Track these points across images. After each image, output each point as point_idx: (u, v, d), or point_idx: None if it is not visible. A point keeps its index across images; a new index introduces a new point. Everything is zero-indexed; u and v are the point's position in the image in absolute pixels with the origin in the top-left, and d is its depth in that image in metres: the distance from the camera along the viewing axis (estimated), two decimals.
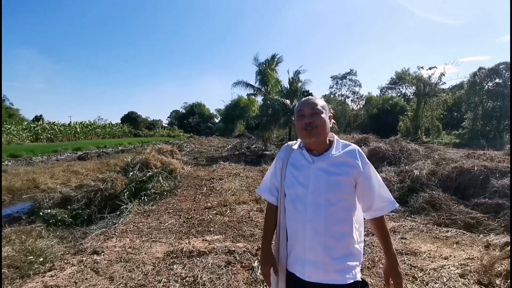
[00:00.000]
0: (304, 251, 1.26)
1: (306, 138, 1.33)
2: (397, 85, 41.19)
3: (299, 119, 1.35)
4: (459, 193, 5.23)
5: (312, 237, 1.24)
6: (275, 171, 1.45)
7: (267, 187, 1.48)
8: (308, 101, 1.37)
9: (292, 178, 1.33)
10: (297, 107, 1.41)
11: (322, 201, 1.24)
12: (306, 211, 1.25)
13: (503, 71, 21.79)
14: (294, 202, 1.30)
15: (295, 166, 1.35)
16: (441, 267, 2.91)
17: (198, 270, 2.88)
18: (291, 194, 1.32)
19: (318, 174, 1.28)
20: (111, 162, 10.21)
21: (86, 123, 36.62)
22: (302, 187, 1.29)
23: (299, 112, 1.37)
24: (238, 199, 5.61)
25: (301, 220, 1.26)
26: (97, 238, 3.93)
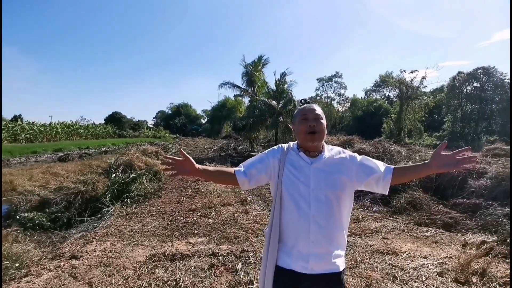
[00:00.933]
0: (309, 245, 1.33)
1: (309, 141, 1.41)
2: (381, 87, 42.10)
3: (303, 123, 1.42)
4: (439, 194, 5.39)
5: (316, 231, 1.33)
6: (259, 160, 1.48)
7: (243, 164, 1.51)
8: (311, 107, 1.46)
9: (293, 178, 1.39)
10: (298, 112, 1.48)
11: (323, 197, 1.35)
12: (309, 208, 1.34)
13: (480, 75, 22.64)
14: (297, 200, 1.36)
15: (295, 167, 1.41)
16: (421, 266, 2.98)
17: (180, 274, 2.83)
18: (293, 192, 1.38)
19: (317, 173, 1.38)
20: (93, 163, 9.93)
21: (68, 123, 35.49)
22: (304, 186, 1.37)
23: (302, 116, 1.43)
24: (223, 200, 5.58)
25: (305, 216, 1.34)
26: (76, 242, 3.81)
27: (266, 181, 1.49)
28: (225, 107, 34.76)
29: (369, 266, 3.02)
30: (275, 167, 1.44)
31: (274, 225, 1.40)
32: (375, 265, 3.05)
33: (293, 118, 1.52)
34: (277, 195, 1.41)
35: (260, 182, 1.49)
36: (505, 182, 4.83)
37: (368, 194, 5.85)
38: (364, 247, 3.52)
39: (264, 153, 1.51)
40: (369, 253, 3.35)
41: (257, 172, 1.45)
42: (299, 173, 1.40)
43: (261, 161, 1.47)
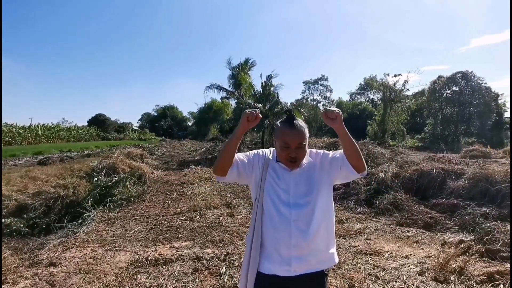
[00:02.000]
0: (290, 249, 1.36)
1: (289, 167, 1.42)
2: (366, 90, 43.07)
3: (283, 149, 1.39)
4: (420, 194, 5.53)
5: (297, 235, 1.35)
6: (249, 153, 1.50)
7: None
8: (296, 133, 1.37)
9: (274, 185, 1.42)
10: (280, 132, 1.40)
11: (302, 202, 1.38)
12: (290, 213, 1.36)
13: (459, 79, 23.52)
14: (278, 205, 1.39)
15: (276, 173, 1.44)
16: (402, 265, 3.05)
17: (163, 279, 2.79)
18: (274, 199, 1.40)
19: (297, 179, 1.42)
20: (75, 167, 9.63)
21: (49, 125, 34.43)
22: (284, 192, 1.40)
23: (284, 143, 1.38)
24: (208, 204, 5.54)
25: (286, 221, 1.36)
26: (55, 248, 3.68)
27: (244, 178, 1.48)
28: (211, 109, 34.64)
29: (352, 267, 3.06)
30: (258, 171, 1.45)
31: (256, 230, 1.41)
32: (358, 265, 3.09)
33: (275, 131, 1.47)
34: (258, 201, 1.42)
35: (241, 176, 1.45)
36: (482, 182, 5.02)
37: (353, 195, 5.94)
38: (348, 248, 3.56)
39: (251, 153, 1.50)
40: (352, 254, 3.40)
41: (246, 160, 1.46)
42: (279, 179, 1.42)
43: (252, 155, 1.49)
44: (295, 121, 1.40)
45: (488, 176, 5.08)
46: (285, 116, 1.45)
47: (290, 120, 1.40)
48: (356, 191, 6.09)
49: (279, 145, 1.41)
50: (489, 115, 22.56)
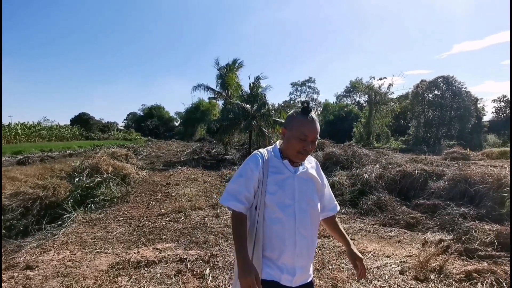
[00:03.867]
0: (294, 259, 1.30)
1: (297, 159, 1.36)
2: (352, 93, 43.78)
3: (299, 142, 1.31)
4: (402, 195, 5.65)
5: (301, 243, 1.30)
6: (247, 181, 1.33)
7: (233, 195, 1.33)
8: (314, 127, 1.33)
9: (278, 188, 1.32)
10: (298, 123, 1.33)
11: (306, 208, 1.34)
12: (295, 220, 1.30)
13: (441, 84, 24.22)
14: (283, 211, 1.30)
15: (281, 177, 1.35)
16: (384, 265, 3.10)
17: (145, 282, 2.73)
18: (278, 203, 1.31)
19: (301, 184, 1.36)
20: (56, 167, 9.34)
21: (29, 124, 33.30)
22: (289, 197, 1.32)
23: (302, 135, 1.31)
24: (194, 205, 5.47)
25: (291, 228, 1.30)
26: (32, 251, 3.54)
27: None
28: (199, 109, 34.36)
29: (335, 267, 3.09)
30: (260, 178, 1.34)
31: (257, 238, 1.32)
32: (342, 265, 3.12)
33: (288, 122, 1.37)
34: (260, 207, 1.32)
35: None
36: (461, 183, 5.17)
37: (337, 196, 6.01)
38: (332, 249, 3.60)
39: (244, 172, 1.35)
40: (336, 254, 3.43)
41: (250, 196, 1.34)
42: (284, 183, 1.34)
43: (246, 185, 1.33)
44: (312, 113, 1.34)
45: (467, 177, 5.24)
46: (302, 107, 1.35)
47: (308, 112, 1.33)
48: (341, 191, 6.17)
49: (295, 136, 1.31)
50: (468, 118, 23.32)
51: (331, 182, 6.69)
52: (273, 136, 15.39)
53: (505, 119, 35.52)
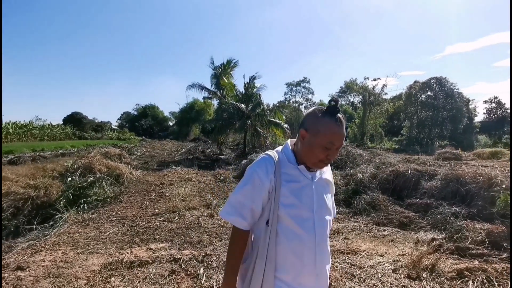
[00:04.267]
0: (313, 279, 1.15)
1: (317, 168, 1.19)
2: (346, 93, 44.02)
3: (324, 150, 1.11)
4: (396, 194, 5.71)
5: (321, 261, 1.16)
6: (254, 192, 1.14)
7: (236, 209, 1.15)
8: (343, 132, 1.13)
9: (294, 199, 1.13)
10: (327, 128, 1.10)
11: (324, 219, 1.19)
12: (314, 234, 1.14)
13: (433, 85, 24.55)
14: (301, 225, 1.13)
15: (295, 186, 1.15)
16: (377, 264, 3.12)
17: (138, 282, 2.70)
18: (296, 217, 1.13)
19: (318, 193, 1.19)
20: (48, 166, 9.19)
21: (21, 123, 32.77)
22: (307, 209, 1.15)
23: (329, 143, 1.10)
24: (188, 204, 5.45)
25: (311, 245, 1.13)
26: (23, 251, 3.49)
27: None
28: (193, 109, 34.21)
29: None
30: (271, 189, 1.14)
31: (268, 258, 1.12)
32: (335, 264, 3.14)
33: (312, 124, 1.13)
34: (273, 221, 1.13)
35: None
36: (453, 183, 5.24)
37: None
38: None
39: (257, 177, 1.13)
40: (330, 253, 3.45)
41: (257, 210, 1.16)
42: (301, 193, 1.15)
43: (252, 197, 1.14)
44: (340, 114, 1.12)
45: (458, 177, 5.31)
46: (330, 106, 1.11)
47: (336, 112, 1.11)
48: (335, 191, 6.19)
49: (320, 144, 1.10)
50: (460, 119, 23.67)
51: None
52: (268, 136, 15.42)
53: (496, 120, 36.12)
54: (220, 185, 7.65)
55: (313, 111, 1.17)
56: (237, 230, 1.17)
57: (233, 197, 1.18)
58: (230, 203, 1.18)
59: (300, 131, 1.17)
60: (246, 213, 1.14)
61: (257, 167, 1.16)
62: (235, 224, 1.16)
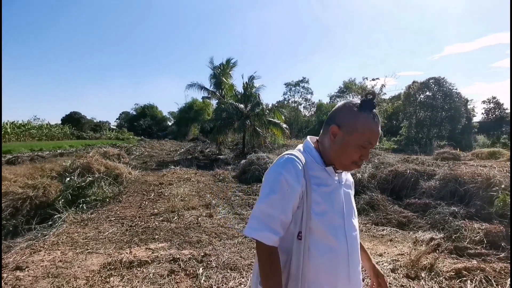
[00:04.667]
0: None
1: (346, 169, 1.07)
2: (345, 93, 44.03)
3: (359, 149, 0.99)
4: (394, 194, 5.72)
5: (354, 273, 1.03)
6: (283, 200, 0.96)
7: (265, 223, 0.96)
8: (379, 130, 1.01)
9: (326, 205, 1.00)
10: (365, 125, 0.98)
11: (353, 225, 1.07)
12: (346, 244, 1.01)
13: (432, 85, 24.59)
14: (335, 236, 1.00)
15: (324, 190, 1.01)
16: (376, 263, 3.11)
17: (137, 282, 2.70)
18: (329, 227, 0.99)
19: (347, 196, 1.08)
20: (46, 166, 9.18)
21: (19, 123, 32.66)
22: (339, 215, 1.02)
23: (367, 142, 0.98)
24: (187, 204, 5.45)
25: (344, 257, 1.00)
26: (22, 251, 3.49)
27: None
28: (192, 109, 34.18)
29: None
30: (301, 195, 0.99)
31: (302, 275, 0.97)
32: None
33: (346, 120, 1.00)
34: (306, 234, 0.97)
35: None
36: (451, 183, 5.26)
37: None
38: None
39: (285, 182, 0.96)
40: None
41: (287, 220, 0.99)
42: (331, 198, 1.02)
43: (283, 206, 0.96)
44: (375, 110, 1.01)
45: (457, 177, 5.33)
46: (365, 100, 0.99)
47: (374, 107, 1.00)
48: None
49: (356, 142, 0.98)
50: (459, 119, 23.74)
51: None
52: (267, 136, 15.42)
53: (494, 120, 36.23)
54: (219, 185, 7.65)
55: (347, 105, 1.02)
56: (267, 248, 0.96)
57: (259, 208, 0.98)
58: (255, 217, 0.98)
59: (331, 127, 1.02)
60: (276, 226, 0.96)
61: (284, 169, 0.97)
62: (265, 241, 0.95)
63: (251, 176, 8.37)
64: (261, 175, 8.17)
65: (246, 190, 7.05)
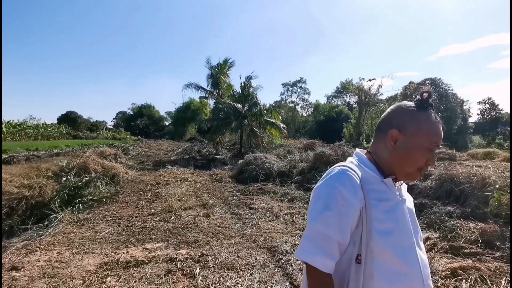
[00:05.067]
0: None
1: (409, 180, 0.95)
2: (342, 94, 44.25)
3: (426, 153, 0.89)
4: None
5: None
6: (341, 218, 0.83)
7: (320, 246, 0.83)
8: (441, 130, 0.92)
9: (391, 223, 0.86)
10: (429, 128, 0.89)
11: (422, 247, 0.93)
12: (420, 268, 0.87)
13: (428, 86, 24.77)
14: (404, 260, 0.85)
15: (386, 205, 0.88)
16: None
17: (134, 282, 2.70)
18: (396, 248, 0.84)
19: (410, 213, 0.94)
20: (42, 166, 9.12)
21: (15, 122, 32.42)
22: (406, 235, 0.88)
23: (433, 144, 0.89)
24: (184, 204, 5.44)
25: (419, 285, 0.87)
26: (18, 252, 3.46)
27: None
28: (189, 109, 34.16)
29: None
30: (360, 212, 0.86)
31: None
32: None
33: (408, 122, 0.89)
34: (365, 254, 0.84)
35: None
36: (447, 183, 5.29)
37: None
38: None
39: (340, 197, 0.83)
40: None
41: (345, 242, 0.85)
42: (395, 214, 0.88)
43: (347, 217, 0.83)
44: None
45: (452, 177, 5.36)
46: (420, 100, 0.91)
47: (431, 106, 0.91)
48: None
49: (422, 146, 0.88)
50: (455, 120, 23.97)
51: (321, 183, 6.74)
52: (264, 136, 15.43)
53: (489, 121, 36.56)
54: (217, 185, 7.65)
55: (403, 106, 0.92)
56: (321, 276, 0.83)
57: (312, 228, 0.85)
58: (309, 237, 0.85)
59: (390, 132, 0.90)
60: (333, 249, 0.83)
61: (338, 183, 0.85)
62: (320, 267, 0.82)
63: (248, 176, 8.37)
64: (258, 175, 8.18)
65: (243, 190, 7.05)
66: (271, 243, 3.70)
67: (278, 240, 3.82)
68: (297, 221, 4.64)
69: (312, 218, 0.86)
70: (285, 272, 2.94)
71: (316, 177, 7.23)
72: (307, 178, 7.49)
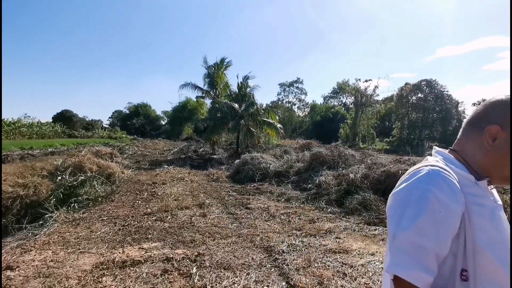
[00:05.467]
0: None
1: (508, 183, 0.82)
2: (338, 94, 44.45)
3: None
4: (387, 194, 5.76)
5: None
6: (438, 226, 0.71)
7: (415, 258, 0.71)
8: None
9: (496, 232, 0.76)
10: None
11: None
12: None
13: (424, 87, 24.99)
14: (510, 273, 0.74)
15: (486, 211, 0.78)
16: (368, 262, 3.17)
17: (130, 281, 2.69)
18: (503, 260, 0.74)
19: (506, 219, 0.83)
20: (37, 165, 9.04)
21: (9, 120, 32.09)
22: (506, 246, 0.76)
23: None
24: (180, 204, 5.43)
25: None
26: (12, 251, 3.43)
27: None
28: (186, 108, 34.07)
29: (321, 265, 3.14)
30: (470, 220, 0.75)
31: None
32: (327, 263, 3.17)
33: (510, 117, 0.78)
34: (474, 270, 0.73)
35: None
36: None
37: (324, 196, 6.09)
38: (318, 247, 3.65)
39: (435, 201, 0.72)
40: (322, 252, 3.49)
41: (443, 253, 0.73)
42: (496, 222, 0.78)
43: (447, 225, 0.72)
44: None
45: None
46: None
47: None
48: (327, 191, 6.26)
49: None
50: (450, 121, 24.17)
51: (317, 182, 6.77)
52: (261, 136, 15.45)
53: None
54: (213, 184, 7.64)
55: (503, 99, 0.80)
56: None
57: (404, 238, 0.72)
58: (402, 249, 0.72)
59: (489, 129, 0.79)
60: (430, 262, 0.71)
61: (432, 185, 0.73)
62: (416, 283, 0.70)
63: (245, 176, 8.38)
64: (255, 175, 8.19)
65: (240, 189, 7.05)
66: (267, 243, 3.71)
67: (274, 240, 3.83)
68: (293, 221, 4.66)
69: (403, 226, 0.73)
70: (282, 272, 2.96)
71: (313, 177, 7.26)
72: (304, 178, 7.52)
